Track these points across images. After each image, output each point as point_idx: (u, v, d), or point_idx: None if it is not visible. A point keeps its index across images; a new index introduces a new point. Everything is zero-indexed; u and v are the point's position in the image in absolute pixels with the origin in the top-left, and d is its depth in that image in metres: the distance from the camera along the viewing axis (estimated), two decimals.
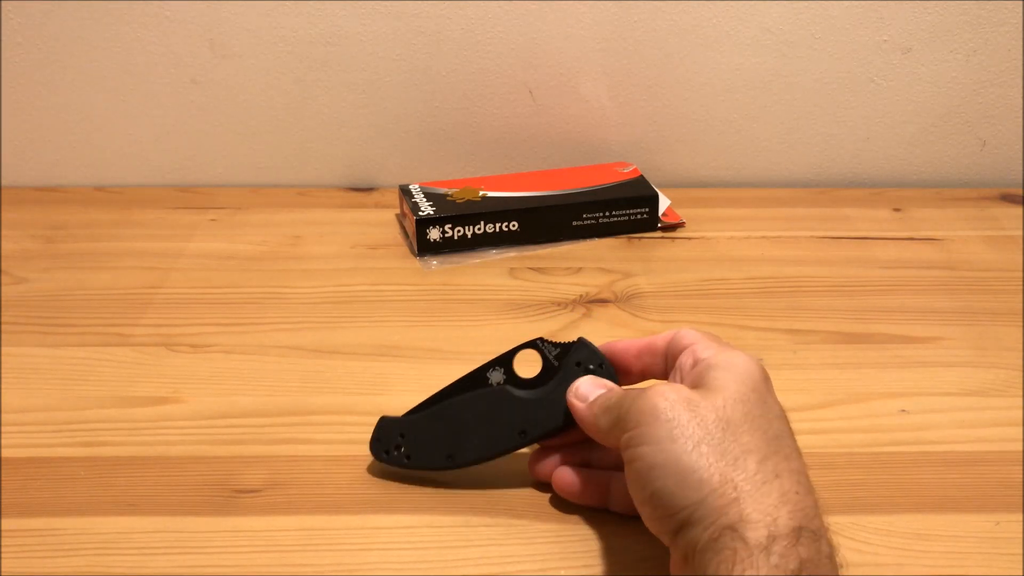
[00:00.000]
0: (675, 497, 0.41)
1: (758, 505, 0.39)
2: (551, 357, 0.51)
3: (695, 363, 0.46)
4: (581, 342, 0.51)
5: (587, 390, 0.49)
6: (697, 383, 0.45)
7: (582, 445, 0.51)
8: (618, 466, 0.47)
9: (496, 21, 0.82)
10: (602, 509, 0.50)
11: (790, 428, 0.44)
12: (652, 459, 0.41)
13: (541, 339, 0.52)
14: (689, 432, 0.41)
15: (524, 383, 0.52)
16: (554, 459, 0.51)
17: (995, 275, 0.73)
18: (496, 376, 0.52)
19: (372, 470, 0.53)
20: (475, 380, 0.52)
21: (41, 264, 0.74)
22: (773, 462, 0.41)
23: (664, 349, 0.49)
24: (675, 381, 0.47)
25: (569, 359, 0.51)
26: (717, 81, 0.85)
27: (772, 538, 0.38)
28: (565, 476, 0.50)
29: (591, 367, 0.50)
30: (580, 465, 0.51)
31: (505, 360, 0.52)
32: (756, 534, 0.38)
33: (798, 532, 0.38)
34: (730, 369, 0.44)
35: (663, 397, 0.43)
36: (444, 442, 0.51)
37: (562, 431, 0.50)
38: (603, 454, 0.51)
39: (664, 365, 0.50)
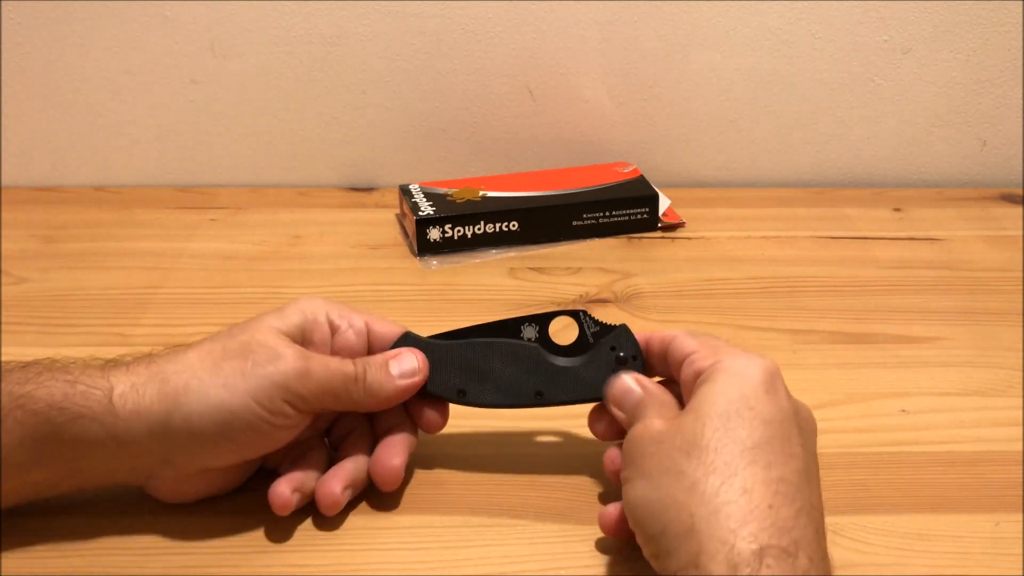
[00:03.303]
0: (644, 527, 0.42)
1: (715, 532, 0.38)
2: (588, 333, 0.51)
3: (695, 376, 0.46)
4: (623, 329, 0.51)
5: (622, 397, 0.48)
6: (691, 399, 0.45)
7: None
8: None
9: (496, 21, 0.82)
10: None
11: (790, 430, 0.42)
12: (626, 496, 0.44)
13: (584, 311, 0.52)
14: (652, 466, 0.42)
15: (555, 348, 0.52)
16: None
17: (995, 275, 0.73)
18: (529, 332, 0.52)
19: None
20: (508, 329, 0.52)
21: (41, 264, 0.74)
22: (743, 477, 0.40)
23: (659, 351, 0.49)
24: (686, 397, 0.46)
25: (606, 341, 0.51)
26: (717, 81, 0.85)
27: (733, 566, 0.37)
28: (610, 513, 0.47)
29: (622, 354, 0.50)
30: None
31: (542, 319, 0.52)
32: (718, 568, 0.38)
33: (760, 554, 0.37)
34: (718, 380, 0.44)
35: (631, 441, 0.45)
36: (461, 377, 0.51)
37: (576, 403, 0.51)
38: None
39: (662, 366, 0.50)
